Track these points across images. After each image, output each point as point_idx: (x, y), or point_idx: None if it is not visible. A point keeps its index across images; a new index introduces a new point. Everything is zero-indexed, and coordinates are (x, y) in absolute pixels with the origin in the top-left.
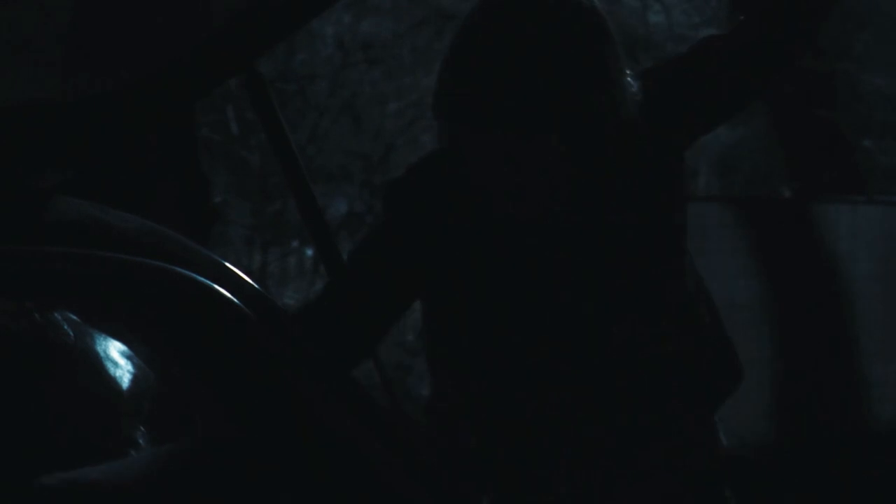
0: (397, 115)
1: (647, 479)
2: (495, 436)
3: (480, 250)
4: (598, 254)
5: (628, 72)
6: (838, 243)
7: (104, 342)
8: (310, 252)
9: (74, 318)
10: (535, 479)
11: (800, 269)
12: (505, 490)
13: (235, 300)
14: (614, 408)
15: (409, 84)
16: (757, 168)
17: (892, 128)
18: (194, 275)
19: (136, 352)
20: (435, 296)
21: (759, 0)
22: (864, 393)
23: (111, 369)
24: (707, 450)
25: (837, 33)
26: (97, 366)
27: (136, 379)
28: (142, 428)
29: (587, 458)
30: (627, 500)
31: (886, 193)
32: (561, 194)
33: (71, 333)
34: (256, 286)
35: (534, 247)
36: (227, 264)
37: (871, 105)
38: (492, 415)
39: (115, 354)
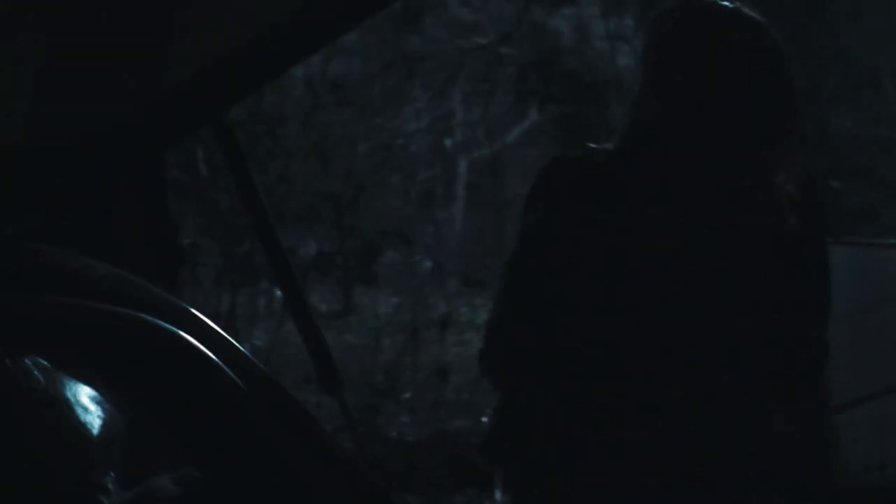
0: (367, 157)
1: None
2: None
3: (609, 254)
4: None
5: None
6: None
7: (74, 387)
8: (279, 293)
9: (44, 363)
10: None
11: None
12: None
13: (198, 344)
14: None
15: (378, 125)
16: None
17: (860, 169)
18: (158, 321)
19: (106, 397)
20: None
21: None
22: (834, 435)
23: (81, 414)
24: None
25: (805, 76)
26: (67, 411)
27: (105, 424)
28: (112, 473)
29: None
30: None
31: (855, 235)
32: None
33: (41, 379)
34: (219, 330)
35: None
36: (191, 309)
37: (840, 147)
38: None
39: (85, 399)
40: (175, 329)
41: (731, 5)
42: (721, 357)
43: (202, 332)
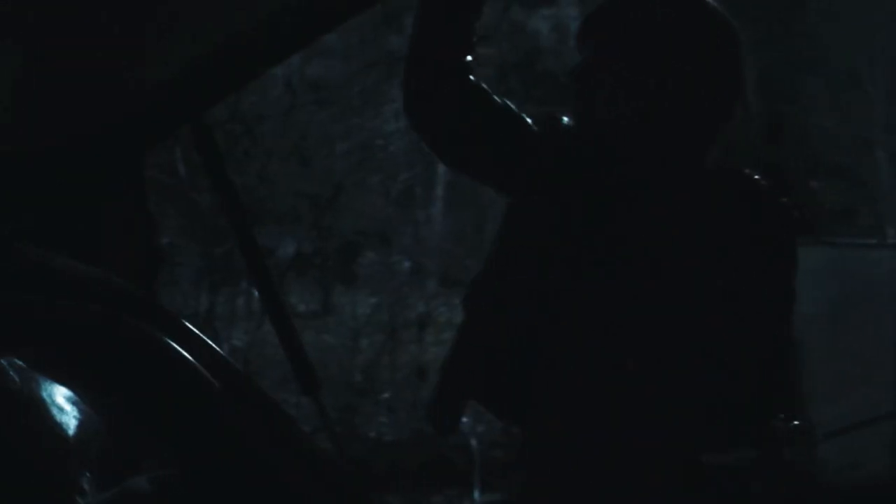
0: (346, 156)
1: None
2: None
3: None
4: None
5: None
6: None
7: (50, 388)
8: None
9: (20, 363)
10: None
11: None
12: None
13: (176, 345)
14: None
15: (357, 125)
16: None
17: (838, 169)
18: (136, 321)
19: (82, 397)
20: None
21: None
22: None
23: (57, 415)
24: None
25: (784, 77)
26: (43, 412)
27: (82, 424)
28: (88, 473)
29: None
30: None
31: (833, 235)
32: None
33: (17, 379)
34: (197, 331)
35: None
36: (169, 310)
37: (819, 147)
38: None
39: (62, 400)
40: (153, 330)
41: None
42: (676, 353)
43: (180, 332)
